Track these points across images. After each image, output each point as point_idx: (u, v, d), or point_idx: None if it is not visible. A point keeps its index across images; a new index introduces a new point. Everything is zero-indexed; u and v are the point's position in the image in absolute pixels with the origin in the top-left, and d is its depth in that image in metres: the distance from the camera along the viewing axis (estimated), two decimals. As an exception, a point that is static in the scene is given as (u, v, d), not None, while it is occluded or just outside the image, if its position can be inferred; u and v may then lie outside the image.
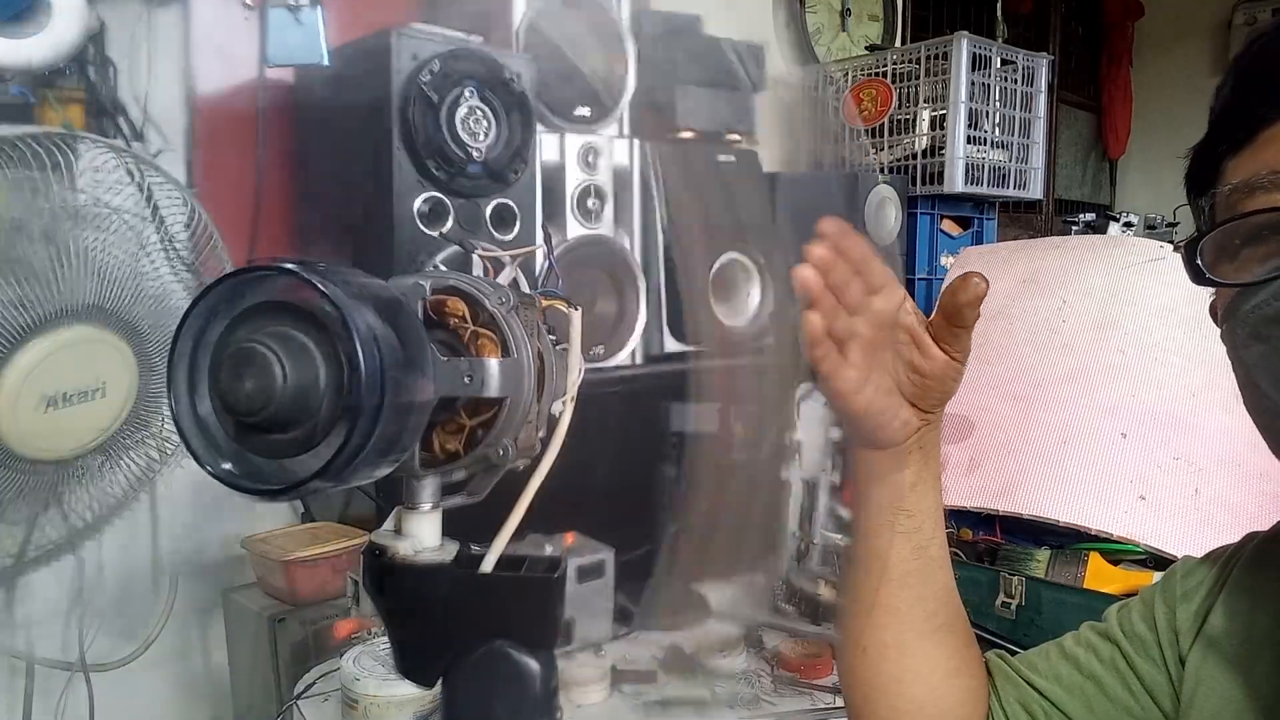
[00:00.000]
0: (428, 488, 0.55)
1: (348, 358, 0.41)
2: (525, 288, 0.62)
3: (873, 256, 0.59)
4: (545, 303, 0.58)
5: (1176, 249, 0.54)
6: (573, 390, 0.59)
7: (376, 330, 0.42)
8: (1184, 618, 0.61)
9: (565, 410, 0.58)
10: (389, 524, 0.56)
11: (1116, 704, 0.62)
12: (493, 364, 0.52)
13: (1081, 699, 0.63)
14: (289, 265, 0.43)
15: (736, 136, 1.68)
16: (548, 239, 1.11)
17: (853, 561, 0.67)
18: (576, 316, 0.60)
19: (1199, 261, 0.51)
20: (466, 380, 0.51)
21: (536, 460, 0.56)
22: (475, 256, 0.64)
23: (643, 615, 1.33)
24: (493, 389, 0.52)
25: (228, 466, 0.44)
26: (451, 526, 0.56)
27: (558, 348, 0.60)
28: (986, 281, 0.54)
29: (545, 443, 0.57)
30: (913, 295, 2.09)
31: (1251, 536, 0.62)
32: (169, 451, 1.25)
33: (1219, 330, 0.54)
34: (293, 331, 0.42)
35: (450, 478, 0.56)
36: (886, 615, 0.65)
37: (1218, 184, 0.52)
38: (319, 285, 0.41)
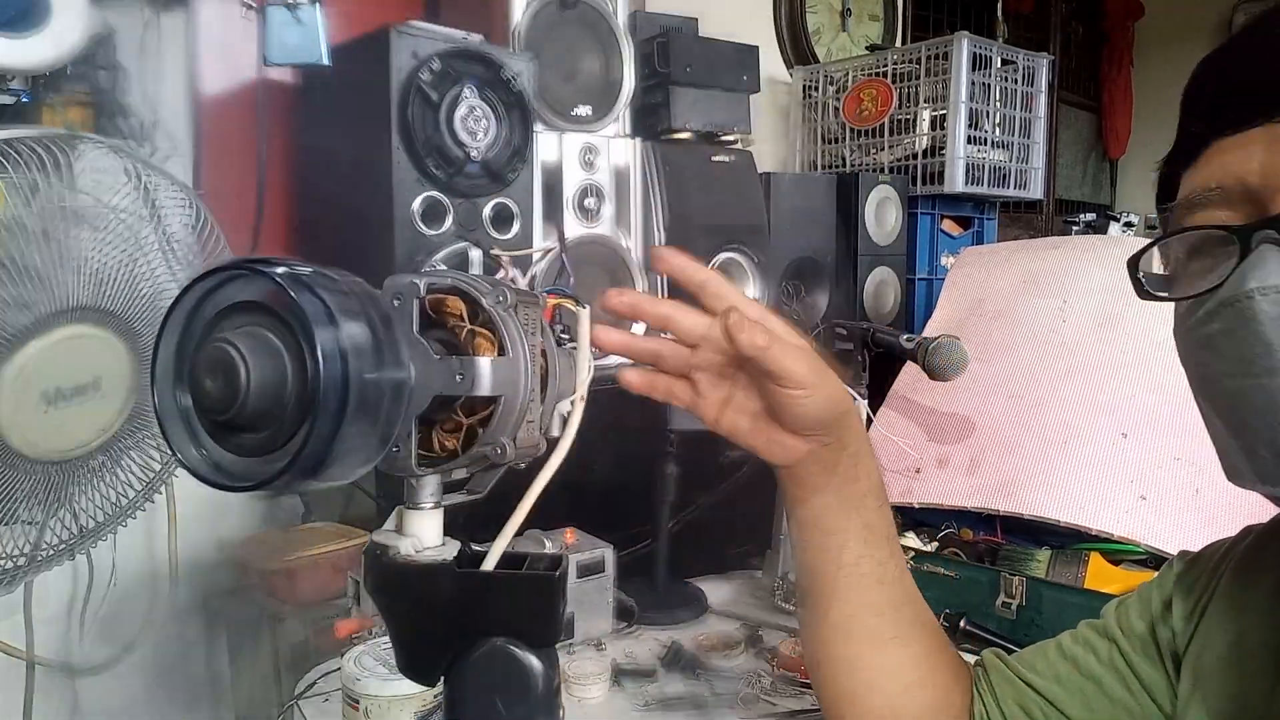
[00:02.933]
0: (428, 486, 0.54)
1: (310, 357, 0.41)
2: (524, 285, 0.62)
3: (715, 278, 0.58)
4: (553, 301, 0.58)
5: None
6: (582, 389, 0.59)
7: (343, 329, 0.42)
8: (1179, 616, 0.60)
9: (575, 410, 0.58)
10: (390, 523, 0.56)
11: (1116, 703, 0.62)
12: (484, 362, 0.51)
13: (1080, 698, 0.63)
14: (255, 264, 0.43)
15: (733, 137, 1.69)
16: (561, 239, 1.12)
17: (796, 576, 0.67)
18: (585, 315, 0.60)
19: (1140, 276, 0.52)
20: (458, 379, 0.51)
21: (542, 460, 0.56)
22: (484, 257, 0.63)
23: (642, 611, 1.33)
24: (484, 388, 0.51)
25: (198, 456, 0.45)
26: (452, 525, 0.57)
27: (566, 346, 0.59)
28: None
29: (552, 442, 0.57)
30: (912, 295, 2.11)
31: (1248, 531, 0.61)
32: (169, 451, 1.25)
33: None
34: (264, 331, 0.43)
35: (450, 476, 0.56)
36: (830, 630, 0.65)
37: (1174, 198, 0.53)
38: (281, 283, 0.41)
